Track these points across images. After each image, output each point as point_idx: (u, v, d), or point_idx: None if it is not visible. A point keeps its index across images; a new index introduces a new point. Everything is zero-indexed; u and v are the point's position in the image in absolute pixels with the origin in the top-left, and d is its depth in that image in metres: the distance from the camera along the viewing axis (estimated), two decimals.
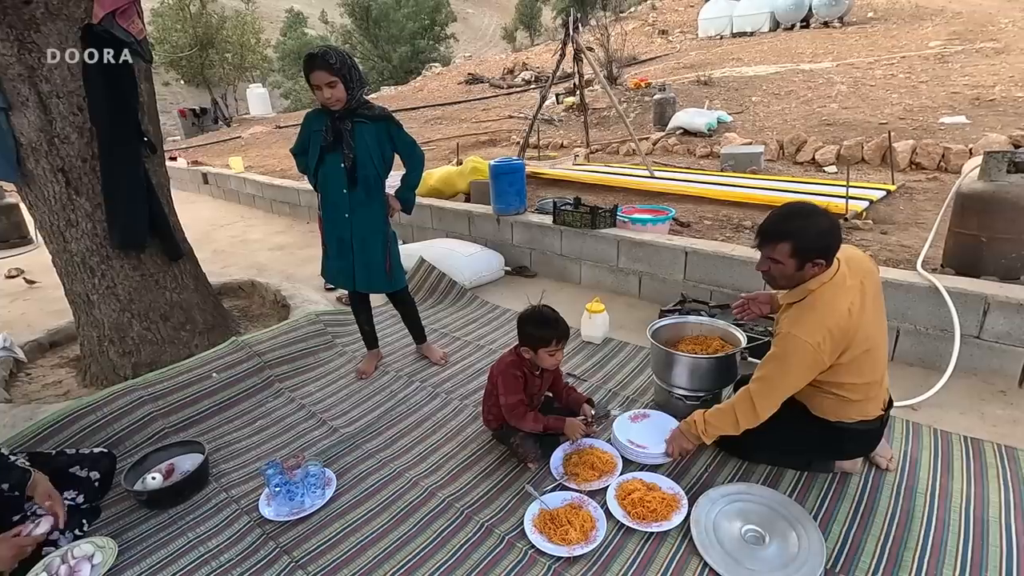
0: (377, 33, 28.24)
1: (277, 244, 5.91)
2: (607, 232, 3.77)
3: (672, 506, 1.85)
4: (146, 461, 2.20)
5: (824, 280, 1.71)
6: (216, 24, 22.83)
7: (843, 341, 1.68)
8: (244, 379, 2.76)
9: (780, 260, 1.71)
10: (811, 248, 1.67)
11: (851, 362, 1.72)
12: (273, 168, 9.35)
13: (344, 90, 2.35)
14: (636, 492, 1.89)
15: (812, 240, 1.66)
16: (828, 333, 1.66)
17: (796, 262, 1.69)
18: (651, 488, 1.92)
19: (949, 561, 1.63)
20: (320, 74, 2.29)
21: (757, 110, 7.80)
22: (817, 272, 1.71)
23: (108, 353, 2.90)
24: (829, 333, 1.66)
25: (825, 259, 1.68)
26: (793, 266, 1.70)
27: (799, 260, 1.69)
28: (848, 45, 11.00)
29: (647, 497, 1.87)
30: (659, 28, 17.03)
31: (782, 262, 1.71)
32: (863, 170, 5.52)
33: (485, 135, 9.46)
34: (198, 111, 19.34)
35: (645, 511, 1.83)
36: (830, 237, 1.67)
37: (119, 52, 2.55)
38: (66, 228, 2.71)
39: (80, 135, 2.60)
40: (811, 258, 1.67)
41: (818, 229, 1.67)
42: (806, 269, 1.70)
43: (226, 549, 1.84)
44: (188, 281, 3.08)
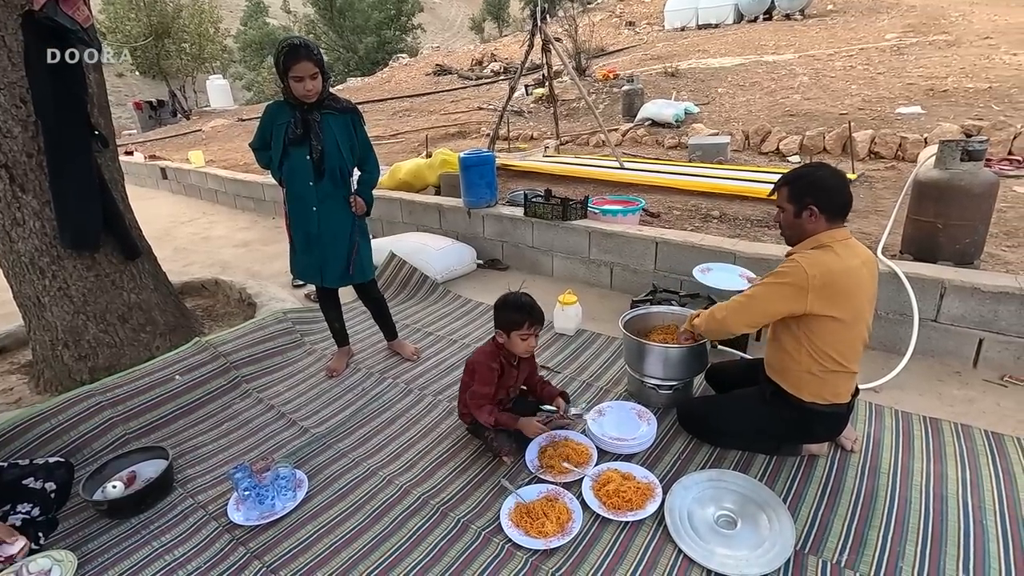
0: (342, 23, 27.63)
1: (241, 241, 5.74)
2: (578, 224, 3.78)
3: (647, 495, 1.87)
4: (106, 469, 2.11)
5: (836, 237, 1.78)
6: (172, 13, 21.96)
7: (833, 289, 1.72)
8: (209, 381, 2.68)
9: (782, 206, 1.85)
10: (807, 190, 1.78)
11: (836, 327, 1.75)
12: (236, 162, 9.07)
13: (322, 82, 2.32)
14: (612, 483, 1.90)
15: (806, 185, 1.79)
16: (826, 271, 1.71)
17: (794, 207, 1.81)
18: (626, 478, 1.94)
19: (911, 538, 1.69)
20: (305, 64, 2.25)
21: (723, 101, 7.92)
22: (814, 222, 1.78)
23: (63, 357, 2.77)
24: (827, 272, 1.71)
25: (818, 205, 1.76)
26: (793, 211, 1.82)
27: (796, 205, 1.80)
28: (809, 37, 11.26)
29: (623, 487, 1.88)
30: (626, 19, 17.11)
31: (784, 208, 1.85)
32: (825, 159, 5.66)
33: (454, 127, 9.37)
34: (155, 103, 18.62)
35: (620, 501, 1.84)
36: (827, 186, 1.77)
37: (64, 41, 2.42)
38: (12, 227, 2.57)
39: (24, 129, 2.46)
40: (806, 203, 1.77)
41: (813, 176, 1.80)
42: (804, 217, 1.79)
43: (194, 556, 1.79)
44: (147, 280, 2.96)
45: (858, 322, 1.79)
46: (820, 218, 1.77)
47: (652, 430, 2.17)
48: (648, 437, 2.15)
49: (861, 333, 1.82)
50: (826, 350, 1.79)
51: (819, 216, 1.77)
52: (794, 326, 1.83)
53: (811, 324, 1.78)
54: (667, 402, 2.37)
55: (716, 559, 1.62)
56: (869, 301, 1.83)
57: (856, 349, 1.83)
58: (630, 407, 2.32)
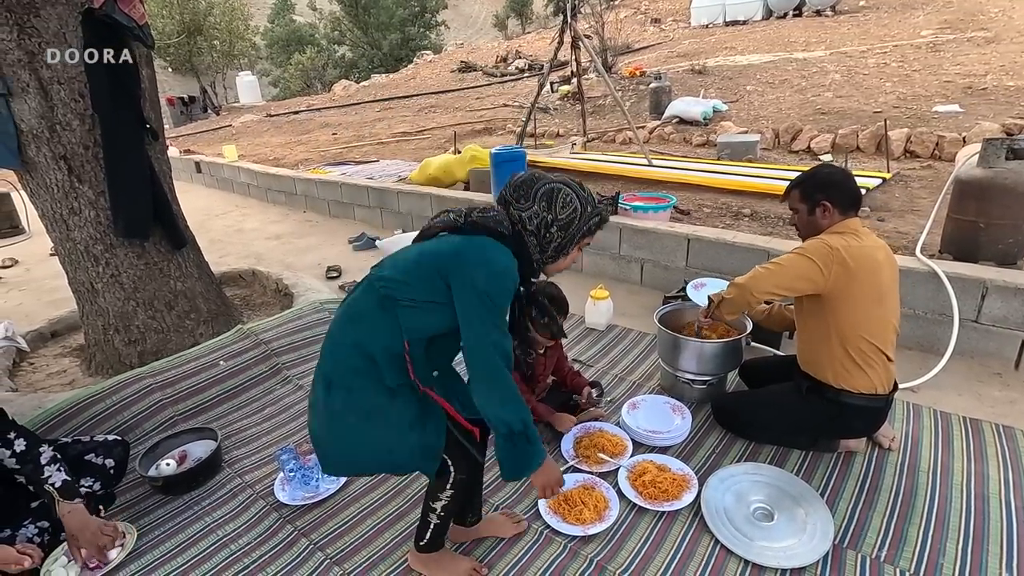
0: (367, 20, 27.87)
1: (274, 233, 5.88)
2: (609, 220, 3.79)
3: (683, 486, 1.89)
4: (158, 448, 2.20)
5: (850, 226, 1.84)
6: (204, 10, 22.42)
7: (856, 264, 1.76)
8: (251, 367, 2.77)
9: (796, 208, 1.94)
10: (816, 188, 1.87)
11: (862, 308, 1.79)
12: (266, 157, 9.27)
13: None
14: (648, 474, 1.93)
15: (817, 183, 1.88)
16: (846, 246, 1.78)
17: (807, 206, 1.89)
18: (662, 469, 1.96)
19: (952, 536, 1.68)
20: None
21: (752, 99, 7.84)
22: (828, 217, 1.86)
23: (113, 342, 2.89)
24: (847, 247, 1.77)
25: (831, 201, 1.84)
26: (806, 210, 1.90)
27: (809, 204, 1.88)
28: (841, 34, 11.05)
29: (659, 478, 1.91)
30: (652, 16, 16.98)
31: (797, 208, 1.93)
32: (858, 158, 5.58)
33: (481, 124, 9.43)
34: (187, 99, 19.06)
35: (657, 491, 1.87)
36: (834, 181, 1.87)
37: (120, 38, 2.52)
38: (69, 216, 2.69)
39: (82, 122, 2.57)
40: (818, 200, 1.86)
41: (822, 175, 1.91)
42: (817, 214, 1.87)
43: (243, 533, 1.86)
44: (192, 269, 3.07)
45: (883, 301, 1.82)
46: (834, 212, 1.86)
47: (687, 424, 2.20)
48: (683, 430, 2.17)
49: (888, 316, 1.84)
50: (857, 332, 1.81)
51: (832, 210, 1.85)
52: (820, 313, 1.86)
53: (837, 307, 1.81)
54: (701, 397, 2.39)
55: (754, 550, 1.64)
56: (892, 282, 1.86)
57: (886, 332, 1.84)
58: (664, 401, 2.35)
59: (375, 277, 1.38)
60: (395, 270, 1.35)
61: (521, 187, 1.39)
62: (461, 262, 1.29)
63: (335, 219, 6.21)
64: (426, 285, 1.30)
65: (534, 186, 1.38)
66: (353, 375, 1.35)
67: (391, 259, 1.42)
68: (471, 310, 1.27)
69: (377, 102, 13.78)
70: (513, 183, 1.41)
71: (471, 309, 1.27)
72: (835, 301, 1.80)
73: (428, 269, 1.31)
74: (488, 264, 1.28)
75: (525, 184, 1.39)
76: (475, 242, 1.32)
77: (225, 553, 1.79)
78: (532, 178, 1.41)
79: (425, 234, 1.43)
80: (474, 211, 1.39)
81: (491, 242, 1.32)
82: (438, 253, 1.33)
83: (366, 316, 1.36)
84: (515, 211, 1.36)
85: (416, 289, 1.31)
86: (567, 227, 1.38)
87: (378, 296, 1.34)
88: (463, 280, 1.27)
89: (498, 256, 1.30)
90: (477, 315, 1.27)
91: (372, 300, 1.36)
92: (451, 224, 1.39)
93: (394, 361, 1.35)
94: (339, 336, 1.40)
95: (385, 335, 1.33)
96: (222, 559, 1.77)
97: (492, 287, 1.27)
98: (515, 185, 1.40)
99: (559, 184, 1.39)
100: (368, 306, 1.36)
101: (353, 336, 1.37)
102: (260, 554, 1.77)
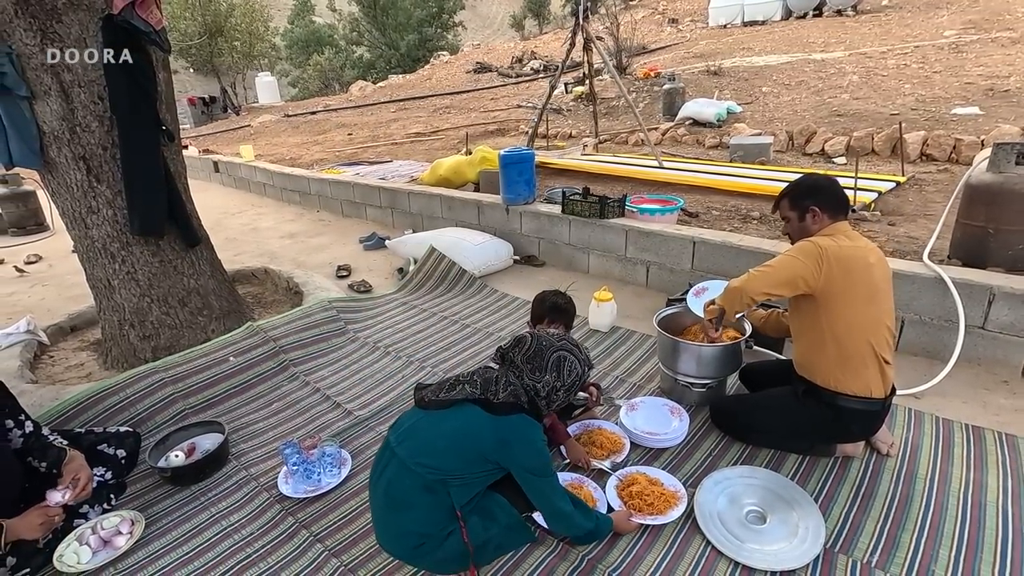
0: (384, 21, 28.11)
1: (288, 232, 5.98)
2: (615, 222, 3.81)
3: (671, 502, 1.85)
4: (168, 440, 2.28)
5: (839, 229, 1.89)
6: (225, 12, 22.81)
7: (848, 264, 1.80)
8: (260, 363, 2.84)
9: (786, 216, 1.99)
10: (804, 195, 1.94)
11: (855, 308, 1.81)
12: (282, 157, 9.41)
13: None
14: (637, 484, 1.91)
15: (804, 190, 1.95)
16: (837, 246, 1.82)
17: (796, 213, 1.96)
18: (653, 483, 1.93)
19: (946, 543, 1.68)
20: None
21: (767, 100, 7.76)
22: (818, 221, 1.91)
23: (128, 337, 2.98)
24: (838, 247, 1.82)
25: (819, 206, 1.90)
26: (796, 217, 1.96)
27: (798, 211, 1.95)
28: (861, 34, 10.88)
29: (647, 491, 1.88)
30: (669, 17, 16.87)
31: (788, 217, 1.99)
32: (873, 161, 5.51)
33: (494, 124, 9.47)
34: (207, 99, 19.41)
35: (643, 503, 1.84)
36: (820, 187, 1.93)
37: (138, 42, 2.61)
38: (87, 215, 2.78)
39: (100, 124, 2.66)
40: (807, 206, 1.92)
41: (809, 182, 1.97)
42: (807, 220, 1.93)
43: (247, 523, 1.92)
44: (205, 267, 3.15)
45: (875, 299, 1.84)
46: (823, 216, 1.91)
47: (684, 426, 2.21)
48: (680, 433, 2.18)
49: (881, 316, 1.85)
50: (849, 332, 1.82)
51: (821, 215, 1.91)
52: (814, 314, 1.87)
53: (829, 307, 1.83)
54: (700, 400, 2.39)
55: (744, 552, 1.65)
56: (884, 283, 1.88)
57: (879, 332, 1.84)
58: (663, 403, 2.36)
59: (413, 463, 1.48)
60: (437, 459, 1.47)
61: (533, 359, 1.59)
62: (510, 451, 1.48)
63: (347, 219, 6.30)
64: (474, 467, 1.49)
65: (544, 356, 1.58)
66: (414, 551, 1.52)
67: (420, 439, 1.52)
68: (531, 484, 1.51)
69: (393, 102, 13.91)
70: (527, 353, 1.60)
71: (531, 483, 1.51)
72: (827, 300, 1.83)
73: (473, 454, 1.48)
74: (531, 444, 1.50)
75: (536, 356, 1.59)
76: (512, 427, 1.49)
77: (229, 543, 1.85)
78: (540, 348, 1.60)
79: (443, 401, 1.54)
80: (492, 385, 1.53)
81: (524, 421, 1.51)
82: (478, 439, 1.48)
83: (416, 503, 1.48)
84: (529, 380, 1.56)
85: (464, 470, 1.48)
86: (570, 390, 1.61)
87: (424, 482, 1.47)
88: (517, 464, 1.50)
89: (534, 434, 1.52)
90: (537, 486, 1.51)
91: (416, 485, 1.47)
92: (470, 397, 1.51)
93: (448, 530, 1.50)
94: (392, 523, 1.53)
95: (441, 515, 1.48)
96: (226, 548, 1.83)
97: (540, 460, 1.52)
98: (529, 356, 1.59)
99: (564, 352, 1.60)
100: (414, 492, 1.48)
101: (405, 526, 1.50)
102: (262, 544, 1.83)
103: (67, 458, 1.87)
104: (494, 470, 1.51)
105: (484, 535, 1.53)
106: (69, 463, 1.86)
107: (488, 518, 1.54)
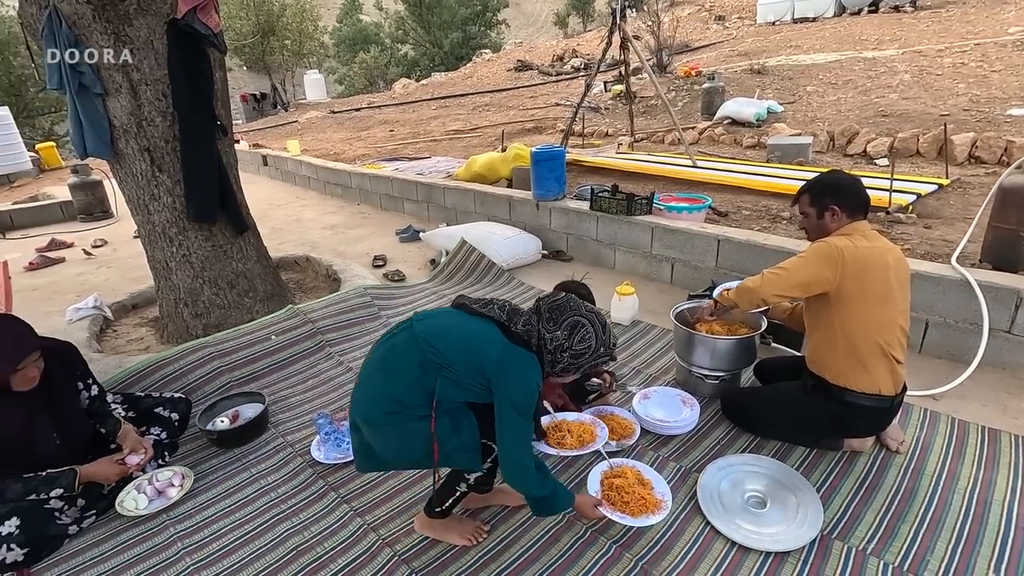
0: (429, 19, 28.59)
1: (329, 224, 6.26)
2: (642, 219, 3.87)
3: (647, 509, 1.72)
4: (215, 407, 2.50)
5: (858, 228, 1.91)
6: (277, 11, 23.67)
7: (863, 264, 1.82)
8: (299, 342, 3.05)
9: (806, 212, 2.01)
10: (824, 193, 1.95)
11: (869, 308, 1.84)
12: (327, 152, 9.77)
13: None
14: (622, 479, 1.82)
15: (824, 188, 1.96)
16: (852, 247, 1.84)
17: (815, 210, 1.97)
18: (643, 483, 1.82)
19: (945, 536, 1.71)
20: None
21: (811, 100, 7.60)
22: (837, 220, 1.93)
23: (183, 314, 3.25)
24: (854, 247, 1.84)
25: (839, 205, 1.91)
26: (815, 215, 1.98)
27: (817, 208, 1.96)
28: (918, 31, 10.45)
29: (629, 489, 1.77)
30: (716, 14, 16.57)
31: (807, 213, 2.00)
32: (917, 163, 5.36)
33: (531, 122, 9.58)
34: (258, 96, 20.23)
35: (618, 499, 1.74)
36: (841, 186, 1.94)
37: (198, 44, 2.85)
38: (150, 201, 3.05)
39: (163, 118, 2.91)
40: (826, 204, 1.93)
41: (830, 180, 1.99)
42: (826, 218, 1.95)
43: (283, 483, 2.12)
44: (251, 253, 3.39)
45: (889, 300, 1.85)
46: (842, 215, 1.92)
47: (695, 415, 2.28)
48: (690, 421, 2.26)
49: (894, 316, 1.87)
50: (860, 331, 1.85)
51: (840, 214, 1.93)
52: (826, 311, 1.91)
53: (841, 305, 1.86)
54: (713, 392, 2.46)
55: (741, 532, 1.73)
56: (900, 284, 1.88)
57: (892, 332, 1.86)
58: (676, 393, 2.43)
59: (422, 337, 1.52)
60: (444, 344, 1.51)
61: (555, 310, 1.60)
62: (503, 376, 1.49)
63: (385, 212, 6.54)
64: (469, 373, 1.50)
65: (564, 314, 1.58)
66: (385, 418, 1.52)
67: (439, 323, 1.58)
68: (507, 417, 1.50)
69: (434, 100, 14.19)
70: (552, 303, 1.62)
71: (507, 416, 1.49)
72: (840, 299, 1.86)
73: (474, 365, 1.50)
74: (526, 383, 1.51)
75: (559, 309, 1.60)
76: (518, 356, 1.51)
77: (266, 499, 2.04)
78: (566, 305, 1.60)
79: (473, 309, 1.60)
80: (516, 316, 1.57)
81: (528, 358, 1.52)
82: (483, 345, 1.51)
83: (405, 374, 1.51)
84: (543, 330, 1.57)
85: (460, 368, 1.50)
86: (577, 358, 1.58)
87: (423, 358, 1.50)
88: (503, 390, 1.49)
89: (532, 374, 1.52)
90: (511, 421, 1.50)
91: (415, 359, 1.51)
92: (496, 318, 1.56)
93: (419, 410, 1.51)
94: (375, 384, 1.55)
95: (421, 394, 1.50)
96: (263, 504, 2.02)
97: (526, 401, 1.51)
98: (552, 307, 1.60)
99: (585, 320, 1.58)
100: (410, 364, 1.51)
101: (388, 390, 1.52)
102: (295, 502, 2.02)
103: (121, 430, 2.10)
104: (482, 391, 1.51)
105: (446, 438, 1.51)
106: (124, 435, 2.08)
107: (455, 427, 1.52)
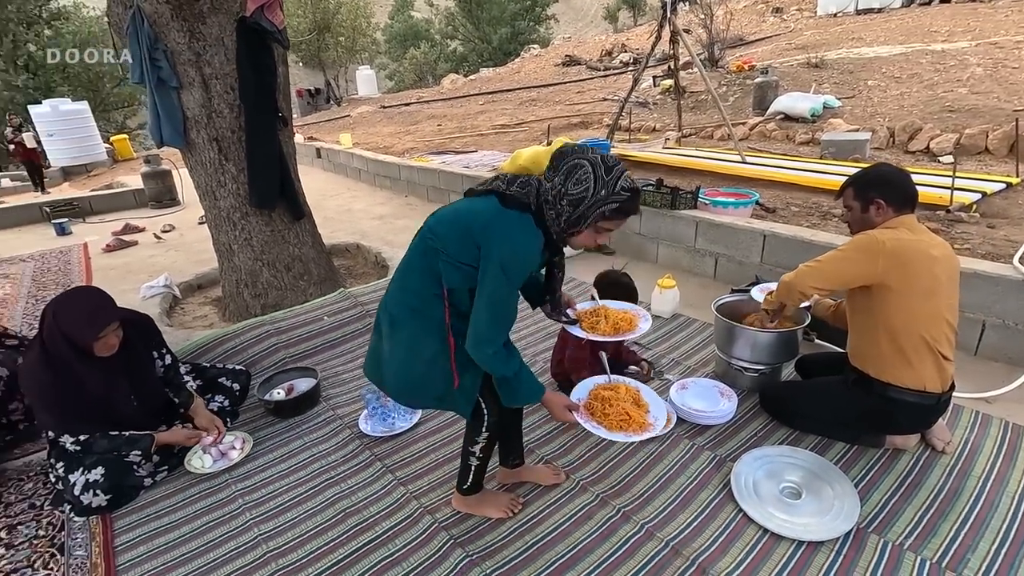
0: (479, 15, 28.82)
1: (378, 214, 6.47)
2: (686, 213, 3.85)
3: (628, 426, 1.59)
4: (272, 380, 2.68)
5: (904, 222, 1.87)
6: (332, 9, 24.39)
7: (906, 257, 1.79)
8: (349, 323, 3.21)
9: (849, 204, 1.97)
10: (870, 186, 1.91)
11: (912, 302, 1.80)
12: (377, 145, 10.06)
13: None
14: (612, 393, 1.68)
15: (869, 181, 1.92)
16: (896, 239, 1.81)
17: (860, 204, 1.93)
18: (638, 404, 1.68)
19: (988, 536, 1.67)
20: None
21: (871, 95, 7.29)
22: (882, 214, 1.89)
23: (243, 295, 3.47)
24: (897, 239, 1.81)
25: (884, 199, 1.87)
26: (859, 208, 1.94)
27: (862, 201, 1.93)
28: (995, 21, 9.83)
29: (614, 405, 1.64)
30: (773, 6, 16.03)
31: (851, 206, 1.97)
32: (985, 161, 5.09)
33: (577, 117, 9.57)
34: (313, 91, 20.89)
35: (598, 410, 1.64)
36: (888, 179, 1.91)
37: (265, 41, 3.03)
38: (217, 188, 3.27)
39: (231, 110, 3.12)
40: (871, 197, 1.90)
41: (876, 172, 1.95)
42: (871, 212, 1.91)
43: (332, 452, 2.26)
44: (307, 238, 3.58)
45: (935, 295, 1.81)
46: (887, 209, 1.88)
47: (732, 406, 2.29)
48: (727, 412, 2.27)
49: (940, 311, 1.82)
50: (905, 325, 1.82)
51: (886, 208, 1.89)
52: (869, 305, 1.88)
53: (885, 299, 1.83)
54: (752, 385, 2.45)
55: (774, 521, 1.74)
56: (948, 279, 1.84)
57: (938, 327, 1.82)
58: (714, 384, 2.44)
59: (426, 227, 1.52)
60: (440, 224, 1.49)
61: (558, 157, 1.44)
62: (490, 235, 1.40)
63: (432, 204, 6.70)
64: (461, 244, 1.43)
65: (565, 159, 1.42)
66: (410, 314, 1.53)
67: (443, 211, 1.54)
68: (489, 274, 1.40)
69: (481, 95, 14.34)
70: (558, 151, 1.46)
71: (490, 274, 1.40)
72: (883, 293, 1.83)
73: (463, 229, 1.43)
74: (513, 243, 1.40)
75: (562, 155, 1.43)
76: (507, 217, 1.42)
77: (317, 465, 2.19)
78: (571, 151, 1.43)
79: (473, 191, 1.54)
80: (516, 180, 1.48)
81: (522, 219, 1.42)
82: (474, 215, 1.44)
83: (416, 267, 1.52)
84: (545, 181, 1.44)
85: (453, 246, 1.44)
86: (577, 204, 1.39)
87: (425, 246, 1.49)
88: (489, 251, 1.40)
89: (523, 236, 1.41)
90: (493, 277, 1.39)
91: (420, 248, 1.51)
92: (495, 189, 1.48)
93: (436, 303, 1.49)
94: (398, 281, 1.58)
95: (429, 282, 1.48)
96: (315, 469, 2.17)
97: (511, 264, 1.40)
98: (556, 154, 1.45)
99: (586, 162, 1.39)
100: (417, 255, 1.52)
101: (406, 282, 1.55)
102: (344, 470, 2.15)
103: (193, 405, 2.27)
104: (476, 267, 1.42)
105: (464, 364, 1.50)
106: (196, 410, 2.26)
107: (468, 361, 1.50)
